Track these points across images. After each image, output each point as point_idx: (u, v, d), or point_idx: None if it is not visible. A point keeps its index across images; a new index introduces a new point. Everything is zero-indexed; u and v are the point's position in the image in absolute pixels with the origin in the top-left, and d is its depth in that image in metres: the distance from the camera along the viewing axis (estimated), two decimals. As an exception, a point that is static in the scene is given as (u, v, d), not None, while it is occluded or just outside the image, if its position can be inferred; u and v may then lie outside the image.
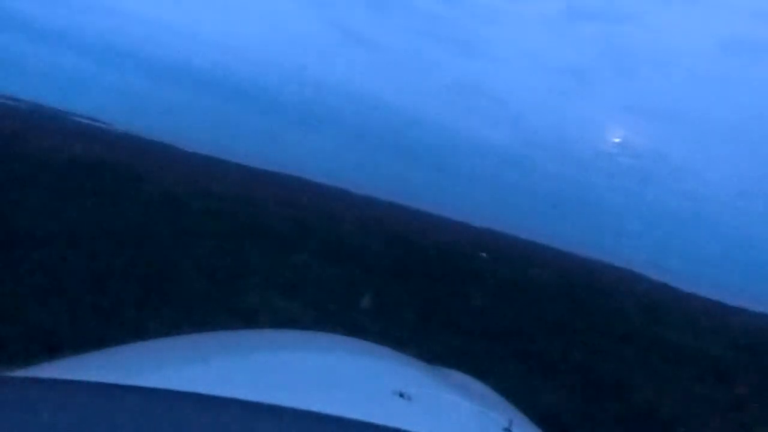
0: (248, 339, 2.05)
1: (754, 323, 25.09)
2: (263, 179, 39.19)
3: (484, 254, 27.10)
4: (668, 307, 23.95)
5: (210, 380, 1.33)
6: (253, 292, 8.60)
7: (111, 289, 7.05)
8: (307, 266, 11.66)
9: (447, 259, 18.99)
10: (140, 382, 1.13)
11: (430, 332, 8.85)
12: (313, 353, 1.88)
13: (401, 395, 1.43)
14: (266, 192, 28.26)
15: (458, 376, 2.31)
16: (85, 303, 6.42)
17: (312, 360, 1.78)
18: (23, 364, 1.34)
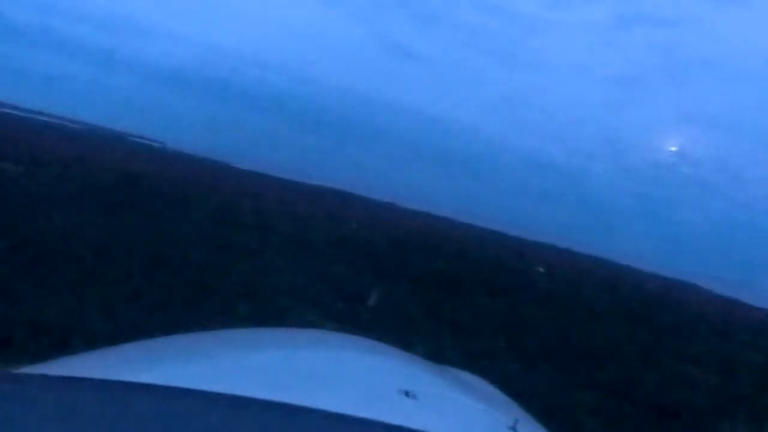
0: (253, 337, 2.06)
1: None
2: (312, 195, 39.26)
3: (540, 269, 26.31)
4: (736, 322, 22.68)
5: (215, 378, 1.32)
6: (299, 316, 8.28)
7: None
8: (351, 279, 11.32)
9: (504, 275, 18.36)
10: (145, 380, 1.13)
11: (491, 354, 8.31)
12: (318, 351, 1.88)
13: (407, 394, 1.42)
14: (313, 207, 28.22)
15: (464, 376, 2.29)
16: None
17: (317, 358, 1.77)
18: (28, 362, 1.34)
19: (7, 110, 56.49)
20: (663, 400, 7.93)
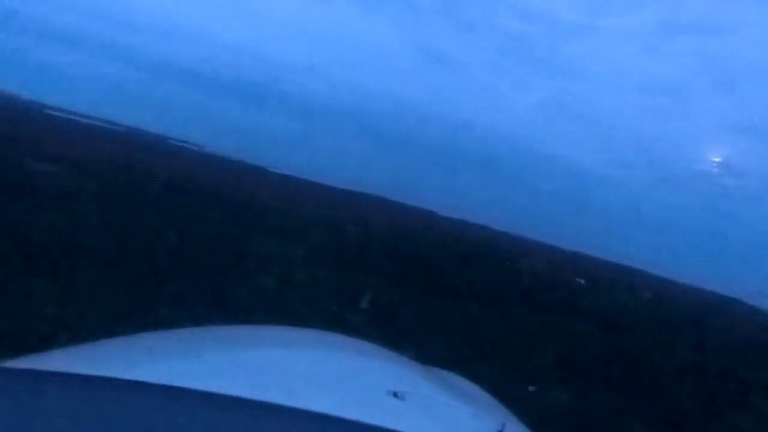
0: (242, 335, 2.03)
1: None
2: (345, 200, 38.94)
3: (581, 281, 25.42)
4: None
5: (201, 375, 1.28)
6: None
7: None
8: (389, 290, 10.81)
9: (545, 288, 17.62)
10: (130, 375, 1.11)
11: (540, 378, 7.67)
12: (307, 351, 1.86)
13: (395, 395, 1.42)
14: (345, 212, 27.87)
15: (453, 378, 2.28)
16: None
17: (306, 357, 1.74)
18: (14, 356, 1.31)
19: (53, 112, 57.72)
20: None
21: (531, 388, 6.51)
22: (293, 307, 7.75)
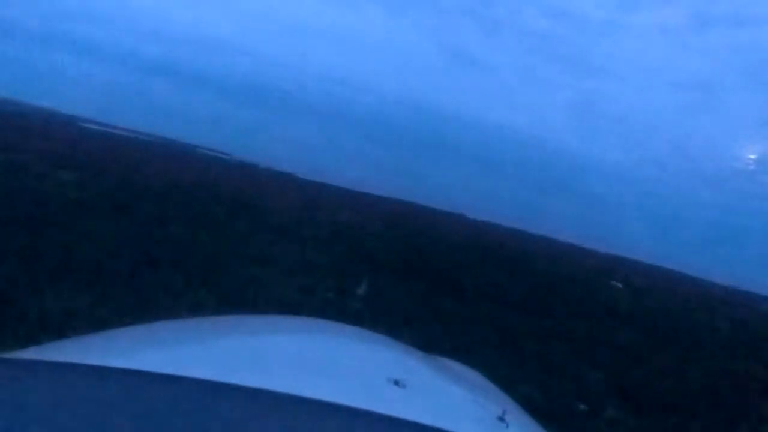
0: (243, 324, 2.01)
1: None
2: (372, 203, 38.73)
3: (618, 284, 24.75)
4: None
5: (203, 364, 1.28)
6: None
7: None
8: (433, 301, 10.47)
9: (582, 292, 17.09)
10: (133, 365, 1.12)
11: (591, 396, 7.21)
12: (307, 339, 1.84)
13: (396, 383, 1.42)
14: (373, 216, 27.65)
15: (453, 365, 2.28)
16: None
17: (306, 345, 1.73)
18: (18, 347, 1.31)
19: (86, 124, 58.73)
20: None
21: (582, 407, 6.08)
22: (325, 316, 7.44)
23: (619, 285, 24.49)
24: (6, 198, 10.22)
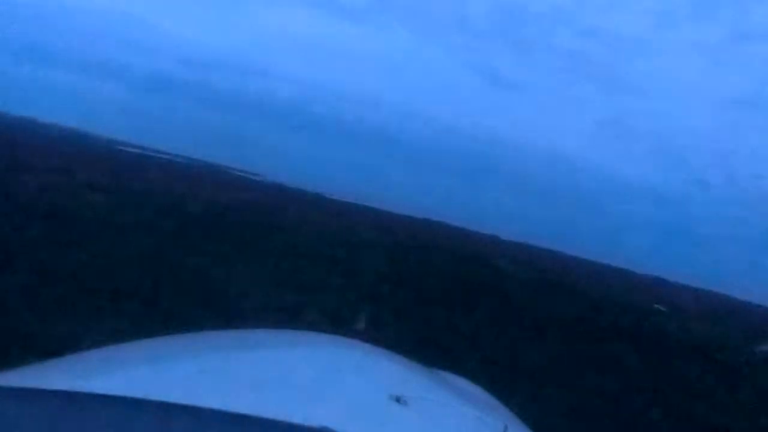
0: (240, 339, 1.96)
1: None
2: (406, 225, 38.31)
3: (660, 307, 23.71)
4: None
5: (195, 384, 1.26)
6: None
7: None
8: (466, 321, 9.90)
9: (625, 315, 16.29)
10: (110, 387, 1.09)
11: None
12: (308, 354, 1.81)
13: (398, 399, 1.41)
14: (406, 237, 27.16)
15: (455, 380, 2.22)
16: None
17: (307, 361, 1.69)
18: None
19: (121, 147, 59.75)
20: None
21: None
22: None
23: (663, 308, 23.48)
24: (34, 217, 10.07)
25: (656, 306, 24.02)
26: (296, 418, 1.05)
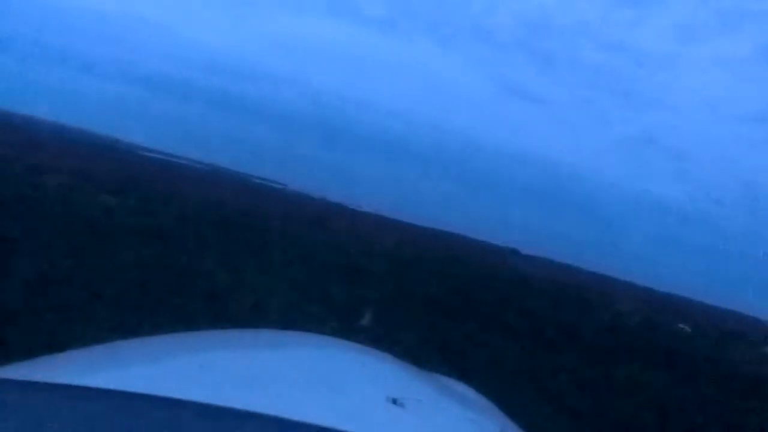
0: (238, 339, 1.96)
1: None
2: (427, 237, 38.00)
3: (684, 327, 23.09)
4: None
5: (193, 382, 1.25)
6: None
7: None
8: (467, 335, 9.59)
9: (649, 336, 15.82)
10: (111, 383, 1.09)
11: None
12: (305, 354, 1.82)
13: (394, 402, 1.41)
14: (426, 250, 26.87)
15: (452, 384, 2.23)
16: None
17: (304, 361, 1.70)
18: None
19: (144, 152, 60.23)
20: None
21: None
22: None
23: (688, 329, 22.86)
24: (46, 221, 9.99)
25: (680, 326, 23.40)
26: (293, 418, 1.04)
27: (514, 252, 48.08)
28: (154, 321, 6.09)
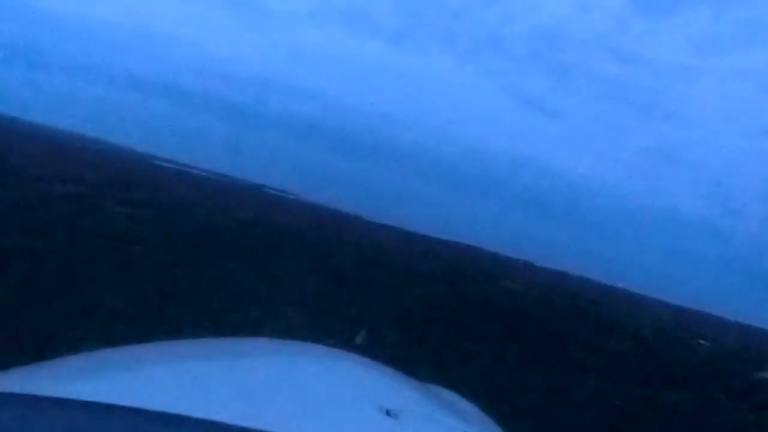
0: (230, 348, 1.92)
1: None
2: (441, 249, 37.72)
3: (703, 342, 22.57)
4: None
5: (185, 394, 1.22)
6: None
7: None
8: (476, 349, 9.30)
9: (670, 351, 15.41)
10: (99, 392, 1.07)
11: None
12: (299, 364, 1.78)
13: (388, 413, 1.39)
14: (442, 263, 26.57)
15: (446, 394, 2.22)
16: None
17: (298, 371, 1.67)
18: None
19: (158, 162, 60.60)
20: None
21: None
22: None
23: (707, 343, 22.35)
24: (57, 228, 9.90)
25: (700, 341, 22.88)
26: (286, 429, 1.03)
27: (529, 265, 47.62)
28: (167, 330, 6.03)
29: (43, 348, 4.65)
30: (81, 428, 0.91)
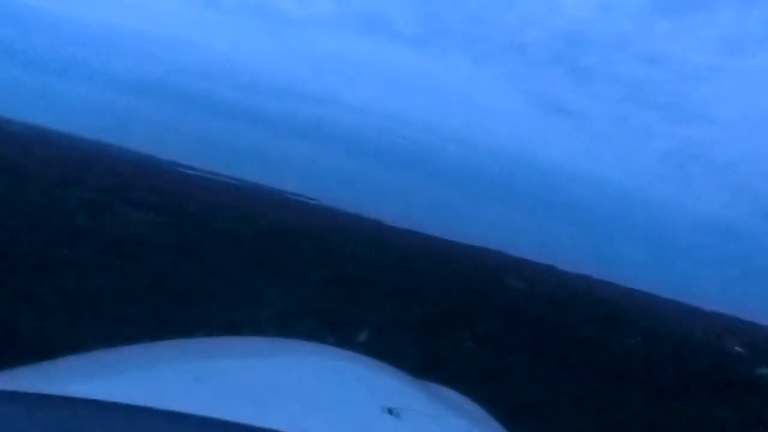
0: (229, 347, 1.93)
1: None
2: (461, 253, 37.37)
3: (739, 349, 21.93)
4: None
5: (187, 392, 1.22)
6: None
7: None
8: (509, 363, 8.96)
9: (705, 360, 14.91)
10: (102, 392, 1.06)
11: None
12: (302, 363, 1.80)
13: (390, 411, 1.39)
14: (463, 267, 26.28)
15: (447, 392, 2.22)
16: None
17: (300, 370, 1.68)
18: None
19: (182, 169, 61.08)
20: None
21: None
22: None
23: (741, 350, 21.71)
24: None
25: (735, 348, 22.23)
26: (288, 428, 1.03)
27: (551, 268, 47.04)
28: (180, 330, 5.99)
29: (43, 348, 4.52)
30: (81, 427, 0.90)
